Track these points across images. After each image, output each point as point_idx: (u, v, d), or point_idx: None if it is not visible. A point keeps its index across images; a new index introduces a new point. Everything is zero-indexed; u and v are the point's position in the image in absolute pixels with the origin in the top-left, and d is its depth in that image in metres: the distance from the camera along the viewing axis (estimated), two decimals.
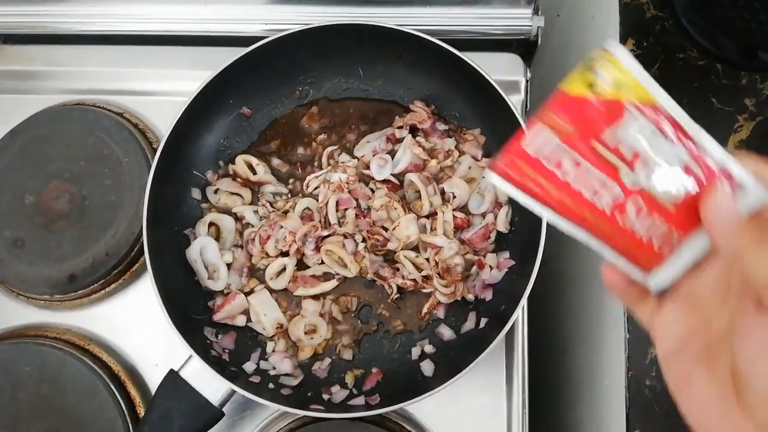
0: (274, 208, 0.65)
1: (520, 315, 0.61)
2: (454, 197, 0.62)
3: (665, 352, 0.30)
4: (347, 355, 0.62)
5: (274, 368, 0.60)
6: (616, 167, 0.26)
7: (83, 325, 0.66)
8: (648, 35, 0.63)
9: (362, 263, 0.61)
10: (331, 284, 0.62)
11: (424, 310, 0.62)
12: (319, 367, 0.62)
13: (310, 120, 0.68)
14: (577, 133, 0.25)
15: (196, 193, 0.66)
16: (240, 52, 0.61)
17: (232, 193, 0.65)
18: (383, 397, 0.58)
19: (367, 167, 0.65)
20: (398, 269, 0.62)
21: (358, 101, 0.69)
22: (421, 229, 0.61)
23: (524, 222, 0.62)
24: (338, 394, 0.59)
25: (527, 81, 0.69)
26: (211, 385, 0.55)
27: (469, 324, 0.61)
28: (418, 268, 0.61)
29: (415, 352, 0.62)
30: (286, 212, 0.63)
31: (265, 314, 0.61)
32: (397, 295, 0.62)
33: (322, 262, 0.62)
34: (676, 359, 0.30)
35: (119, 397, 0.61)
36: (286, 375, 0.60)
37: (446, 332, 0.62)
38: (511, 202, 0.64)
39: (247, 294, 0.62)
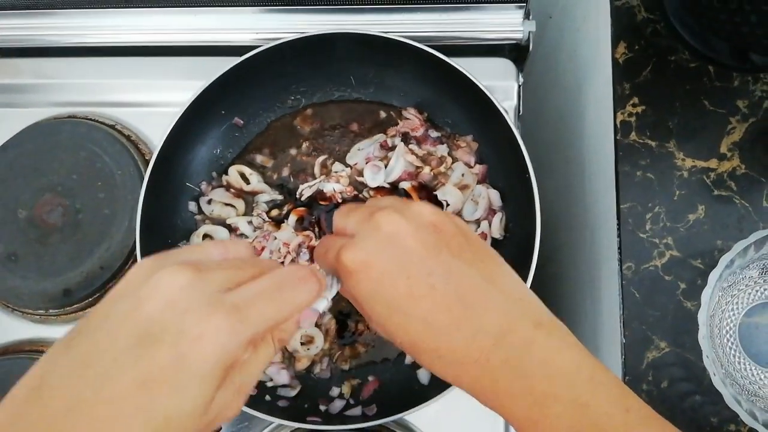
0: (269, 217, 0.65)
1: None
2: (448, 205, 0.62)
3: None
4: (344, 365, 0.62)
5: (272, 380, 0.60)
6: None
7: None
8: (640, 38, 0.63)
9: None
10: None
11: None
12: (320, 368, 0.62)
13: (303, 122, 0.68)
14: None
15: (189, 205, 0.65)
16: (231, 62, 0.61)
17: (226, 204, 0.65)
18: (380, 407, 0.58)
19: (361, 174, 0.65)
20: None
21: (349, 108, 0.69)
22: None
23: (518, 228, 0.62)
24: (335, 404, 0.59)
25: (519, 86, 0.68)
26: None
27: None
28: None
29: (410, 356, 0.62)
30: (279, 223, 0.63)
31: None
32: None
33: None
34: None
35: None
36: (284, 386, 0.60)
37: None
38: (505, 209, 0.64)
39: None
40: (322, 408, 0.59)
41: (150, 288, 0.30)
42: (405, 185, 0.63)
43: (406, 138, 0.66)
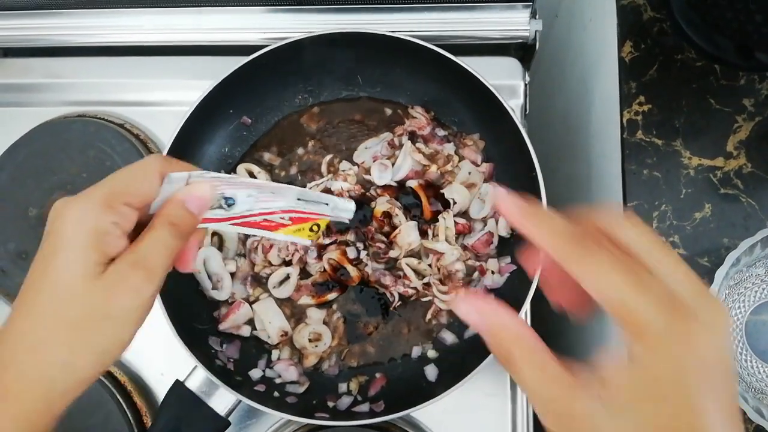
0: None
1: (522, 320, 0.61)
2: (455, 203, 0.62)
3: None
4: (352, 362, 0.62)
5: (280, 376, 0.61)
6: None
7: None
8: (646, 37, 0.63)
9: (364, 271, 0.62)
10: (333, 295, 0.63)
11: (428, 316, 0.62)
12: (328, 365, 0.62)
13: (310, 120, 0.69)
14: None
15: None
16: (239, 61, 0.61)
17: None
18: (388, 404, 0.58)
19: (368, 173, 0.65)
20: (400, 277, 0.62)
21: (356, 107, 0.69)
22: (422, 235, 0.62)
23: None
24: (343, 401, 0.59)
25: (526, 85, 0.69)
26: (216, 395, 0.55)
27: (472, 329, 0.62)
28: (420, 275, 0.62)
29: (416, 351, 0.62)
30: None
31: (270, 322, 0.62)
32: (399, 302, 0.62)
33: (325, 270, 0.62)
34: None
35: (126, 408, 0.61)
36: (293, 383, 0.61)
37: (449, 337, 0.62)
38: None
39: (251, 303, 0.63)
40: (330, 404, 0.59)
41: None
42: (412, 184, 0.63)
43: (413, 136, 0.66)
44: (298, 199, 0.41)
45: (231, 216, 0.39)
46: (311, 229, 0.43)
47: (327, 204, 0.42)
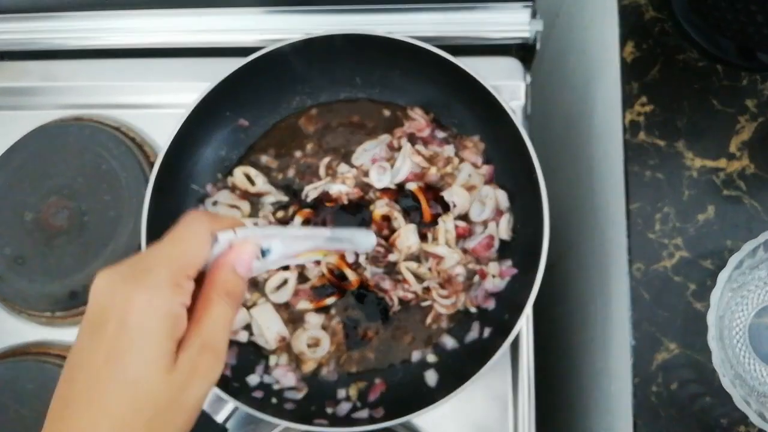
0: (275, 218, 0.65)
1: (524, 323, 0.61)
2: (455, 206, 0.62)
3: None
4: (351, 367, 0.62)
5: (278, 382, 0.60)
6: None
7: None
8: (647, 37, 0.63)
9: (363, 275, 0.61)
10: (332, 299, 0.62)
11: (428, 321, 0.62)
12: (327, 371, 0.62)
13: (307, 122, 0.68)
14: None
15: (195, 207, 0.65)
16: (236, 63, 0.61)
17: (231, 206, 0.65)
18: (387, 410, 0.57)
19: (366, 175, 0.64)
20: (399, 281, 0.61)
21: (355, 108, 0.68)
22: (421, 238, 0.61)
23: (526, 229, 0.62)
24: (342, 407, 0.59)
25: (527, 85, 0.68)
26: (213, 401, 0.55)
27: (473, 334, 0.61)
28: (420, 279, 0.61)
29: (416, 356, 0.62)
30: (285, 224, 0.63)
31: (268, 327, 0.61)
32: (399, 307, 0.62)
33: (323, 275, 0.62)
34: None
35: None
36: (291, 389, 0.60)
37: (449, 342, 0.61)
38: (513, 209, 0.63)
39: (248, 308, 0.62)
40: (329, 410, 0.59)
41: (90, 293, 0.36)
42: (412, 186, 0.63)
43: (412, 138, 0.65)
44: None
45: (265, 265, 0.40)
46: None
47: (351, 239, 0.45)
